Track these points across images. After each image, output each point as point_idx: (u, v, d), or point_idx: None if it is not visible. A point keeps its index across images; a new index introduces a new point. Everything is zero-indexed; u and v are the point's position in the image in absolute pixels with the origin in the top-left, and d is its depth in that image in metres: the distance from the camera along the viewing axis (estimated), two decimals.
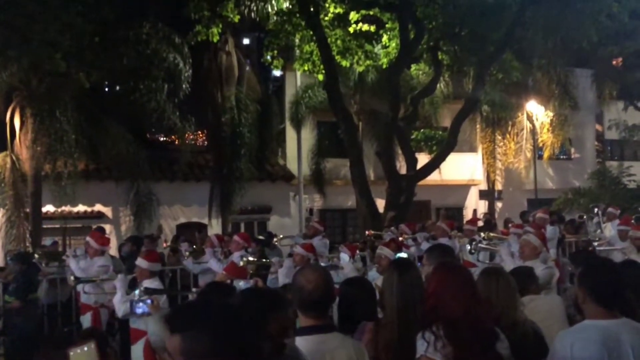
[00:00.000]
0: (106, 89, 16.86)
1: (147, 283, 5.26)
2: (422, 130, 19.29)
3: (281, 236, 11.16)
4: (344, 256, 6.75)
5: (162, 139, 18.52)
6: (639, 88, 22.98)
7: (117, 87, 16.26)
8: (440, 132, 18.86)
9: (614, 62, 22.55)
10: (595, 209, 12.07)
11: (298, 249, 6.51)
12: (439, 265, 2.96)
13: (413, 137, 17.73)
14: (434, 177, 15.81)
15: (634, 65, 22.07)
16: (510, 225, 10.62)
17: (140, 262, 5.57)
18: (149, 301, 4.35)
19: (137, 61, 13.68)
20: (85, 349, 1.96)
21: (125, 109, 14.75)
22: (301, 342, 2.51)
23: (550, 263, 6.21)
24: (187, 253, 8.80)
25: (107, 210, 16.30)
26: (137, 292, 4.69)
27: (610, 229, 10.31)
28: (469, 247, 7.53)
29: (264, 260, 7.23)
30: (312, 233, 9.82)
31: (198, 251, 8.74)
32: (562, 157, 22.31)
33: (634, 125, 21.84)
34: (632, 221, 9.07)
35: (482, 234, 8.52)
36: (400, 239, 8.83)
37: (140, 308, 4.33)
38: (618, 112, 22.08)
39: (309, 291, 2.56)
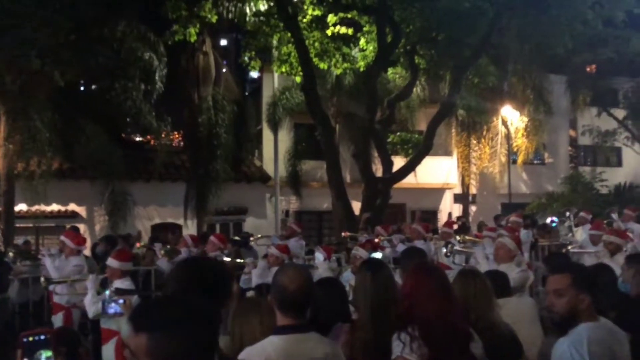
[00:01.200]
0: (82, 88, 16.63)
1: (119, 283, 5.21)
2: (398, 133, 19.43)
3: (259, 236, 11.12)
4: (319, 256, 6.76)
5: (138, 138, 18.32)
6: (612, 95, 23.49)
7: (93, 86, 16.06)
8: (416, 136, 19.01)
9: (588, 69, 22.94)
10: (567, 213, 12.28)
11: (273, 249, 6.50)
12: (414, 267, 2.98)
13: (389, 140, 17.84)
14: (409, 180, 15.93)
15: (607, 72, 22.52)
16: (484, 228, 10.74)
17: (111, 261, 5.50)
18: (121, 301, 4.32)
19: (113, 60, 13.51)
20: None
21: (101, 108, 14.57)
22: (278, 342, 2.50)
23: (524, 266, 6.30)
24: (162, 252, 8.71)
25: (82, 210, 16.09)
26: (107, 292, 4.64)
27: (581, 233, 10.49)
28: (444, 250, 7.59)
29: (237, 260, 7.21)
30: (289, 234, 9.81)
31: (173, 251, 8.66)
32: (536, 161, 22.66)
33: (606, 132, 22.22)
34: (604, 226, 9.27)
35: (458, 237, 8.59)
36: (376, 240, 8.88)
37: (112, 308, 4.29)
38: (591, 118, 22.47)
39: (292, 291, 2.53)
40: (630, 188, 18.55)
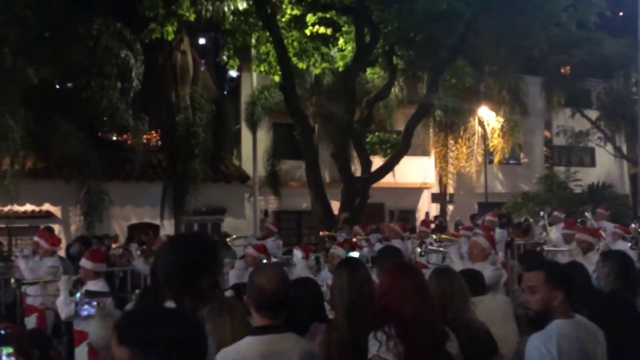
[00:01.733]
0: (57, 86, 16.37)
1: (92, 284, 5.13)
2: (376, 133, 19.51)
3: (234, 236, 11.05)
4: (297, 253, 6.76)
5: (114, 137, 18.10)
6: (586, 96, 23.91)
7: (69, 84, 15.82)
8: (394, 136, 19.11)
9: (563, 70, 23.32)
10: (541, 212, 12.46)
11: (250, 249, 6.47)
12: (391, 266, 2.98)
13: (368, 140, 17.89)
14: (387, 180, 16.02)
15: (581, 73, 22.93)
16: (460, 227, 10.85)
17: (85, 262, 5.42)
18: (94, 303, 4.25)
19: (88, 58, 13.32)
20: None
21: (77, 106, 14.35)
22: (255, 343, 2.49)
23: (498, 265, 6.38)
24: (138, 252, 8.62)
25: (56, 210, 15.84)
26: (78, 295, 4.56)
27: (555, 232, 10.65)
28: (419, 250, 7.65)
29: None
30: (266, 234, 9.78)
31: (149, 252, 8.57)
32: (511, 161, 22.95)
33: (580, 132, 22.60)
34: (578, 225, 9.42)
35: (434, 236, 8.67)
36: (354, 240, 8.90)
37: (86, 310, 4.23)
38: (566, 119, 22.84)
39: (269, 291, 2.53)
40: (603, 187, 18.87)
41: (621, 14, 21.89)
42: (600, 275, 4.07)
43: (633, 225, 10.63)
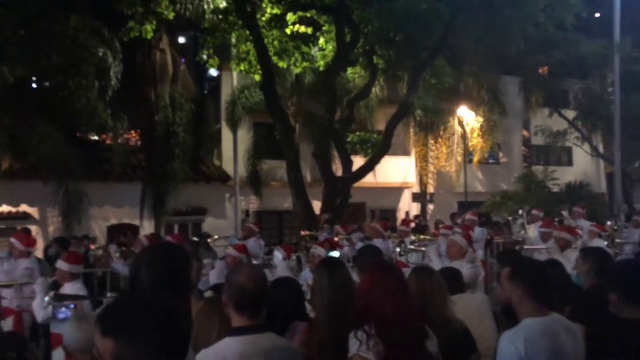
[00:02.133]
0: (33, 85, 16.10)
1: (69, 286, 5.05)
2: (357, 133, 19.58)
3: (216, 237, 10.99)
4: (277, 254, 6.75)
5: (93, 137, 17.87)
6: (563, 96, 24.25)
7: (45, 83, 15.56)
8: (375, 135, 19.19)
9: (540, 71, 23.57)
10: (520, 211, 12.61)
11: (230, 250, 6.43)
12: (372, 265, 2.99)
13: (349, 139, 17.94)
14: (368, 180, 16.07)
15: (559, 74, 23.24)
16: (440, 226, 10.94)
17: (61, 264, 5.33)
18: (71, 306, 4.19)
19: (65, 56, 13.13)
20: None
21: (54, 106, 14.13)
22: (234, 343, 2.47)
23: (476, 262, 6.45)
24: (117, 254, 8.52)
25: (34, 211, 15.59)
26: (47, 298, 4.47)
27: (533, 230, 10.79)
28: (398, 250, 7.70)
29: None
30: (247, 234, 9.74)
31: (128, 253, 8.48)
32: (491, 161, 23.17)
33: (558, 132, 22.90)
34: (556, 223, 9.56)
35: (413, 236, 8.73)
36: (336, 239, 8.92)
37: (63, 313, 4.16)
38: (544, 118, 23.11)
39: (249, 290, 2.51)
40: (580, 186, 19.18)
41: (597, 15, 22.23)
42: (580, 272, 4.13)
43: (609, 223, 10.85)
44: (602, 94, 22.34)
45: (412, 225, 12.98)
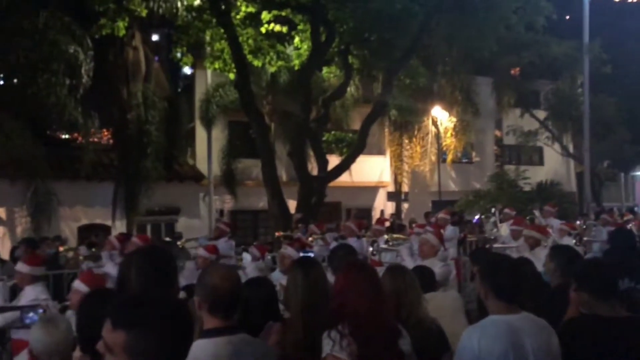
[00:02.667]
0: (0, 82, 15.74)
1: (29, 289, 4.88)
2: (332, 132, 19.61)
3: (184, 239, 10.78)
4: (247, 256, 6.70)
5: (64, 136, 17.55)
6: (534, 96, 24.65)
7: (14, 80, 15.22)
8: (350, 135, 19.23)
9: (512, 72, 23.93)
10: (493, 210, 12.77)
11: (201, 251, 6.36)
12: (346, 265, 2.99)
13: (324, 139, 17.95)
14: (344, 179, 16.10)
15: (530, 74, 23.61)
16: (414, 225, 11.01)
17: (20, 266, 5.09)
18: (40, 311, 4.06)
19: (35, 53, 12.85)
20: None
21: (22, 103, 13.83)
22: (207, 345, 2.43)
23: (448, 261, 6.51)
24: (81, 258, 8.28)
25: (1, 211, 15.23)
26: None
27: (505, 229, 10.92)
28: (370, 249, 7.72)
29: None
30: (218, 234, 9.55)
31: (93, 256, 8.23)
32: (464, 160, 23.43)
33: (529, 132, 23.26)
34: (527, 221, 9.69)
35: (386, 236, 8.75)
36: (310, 239, 8.90)
37: (29, 319, 4.02)
38: (515, 118, 23.47)
39: (225, 290, 2.48)
40: (551, 185, 19.51)
41: (567, 17, 22.67)
42: (547, 270, 4.18)
43: (578, 222, 11.06)
44: (572, 95, 22.79)
45: (388, 224, 13.04)
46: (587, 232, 9.99)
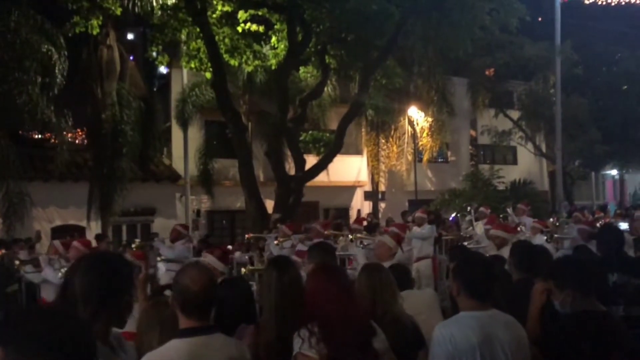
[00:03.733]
0: None
1: None
2: (310, 132, 19.64)
3: (137, 241, 10.41)
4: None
5: (36, 136, 17.25)
6: (508, 97, 25.01)
7: None
8: (328, 135, 19.29)
9: (487, 72, 24.24)
10: (468, 208, 12.92)
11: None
12: (315, 267, 3.03)
13: (301, 138, 17.97)
14: (321, 179, 16.13)
15: (504, 75, 23.96)
16: (391, 224, 11.08)
17: None
18: None
19: (6, 51, 12.61)
20: None
21: None
22: (182, 345, 2.44)
23: (412, 262, 6.53)
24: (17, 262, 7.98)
25: None
26: None
27: (481, 227, 11.07)
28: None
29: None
30: (175, 236, 8.94)
31: (36, 258, 7.86)
32: (440, 160, 23.66)
33: (503, 132, 23.59)
34: (499, 220, 9.82)
35: (350, 236, 8.68)
36: (276, 242, 8.79)
37: None
38: (490, 118, 23.77)
39: (195, 292, 2.48)
40: (524, 184, 19.80)
41: (540, 19, 23.05)
42: (508, 267, 4.29)
43: (551, 220, 11.27)
44: (544, 95, 23.17)
45: (365, 223, 13.07)
46: (559, 229, 10.17)
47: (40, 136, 17.07)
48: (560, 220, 11.76)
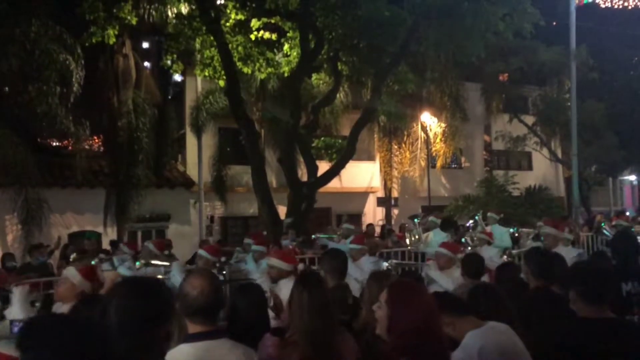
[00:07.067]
0: None
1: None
2: (322, 138, 19.69)
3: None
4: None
5: (54, 143, 17.54)
6: (523, 102, 24.89)
7: (5, 88, 15.21)
8: (340, 141, 19.32)
9: (500, 77, 24.14)
10: (476, 217, 12.83)
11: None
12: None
13: (314, 145, 18.02)
14: (334, 185, 16.16)
15: (518, 80, 23.84)
16: (405, 230, 11.06)
17: None
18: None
19: (26, 61, 12.87)
20: None
21: (13, 111, 13.84)
22: (189, 350, 2.50)
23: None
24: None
25: None
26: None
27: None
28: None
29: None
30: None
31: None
32: (453, 166, 23.59)
33: (518, 137, 23.47)
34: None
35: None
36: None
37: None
38: (504, 124, 23.67)
39: (194, 297, 2.54)
40: (539, 190, 19.65)
41: (555, 24, 22.94)
42: (524, 273, 4.30)
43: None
44: (559, 100, 22.98)
45: (378, 231, 13.04)
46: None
47: (58, 144, 17.35)
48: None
